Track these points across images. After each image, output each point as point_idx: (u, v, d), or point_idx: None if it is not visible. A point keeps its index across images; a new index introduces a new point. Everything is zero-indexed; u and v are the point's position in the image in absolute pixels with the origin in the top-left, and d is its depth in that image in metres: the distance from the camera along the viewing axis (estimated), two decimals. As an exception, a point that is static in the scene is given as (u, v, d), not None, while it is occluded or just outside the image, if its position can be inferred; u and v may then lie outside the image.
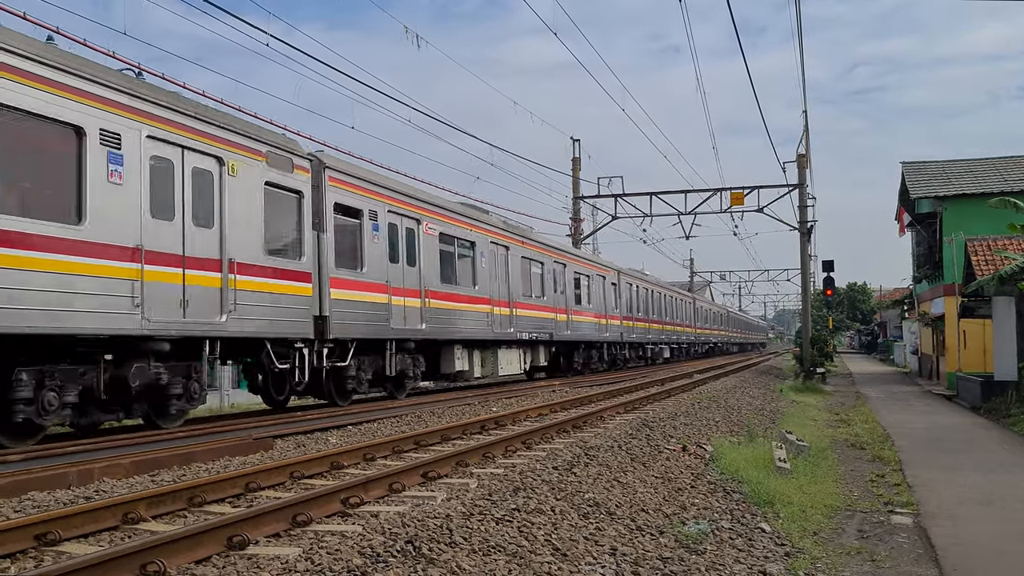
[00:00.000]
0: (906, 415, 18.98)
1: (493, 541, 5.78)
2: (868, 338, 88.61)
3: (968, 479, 10.33)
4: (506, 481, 7.58)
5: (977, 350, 25.40)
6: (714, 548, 6.70)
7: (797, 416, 18.07)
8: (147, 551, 4.89)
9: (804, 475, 10.16)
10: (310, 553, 5.16)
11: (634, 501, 7.67)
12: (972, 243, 23.97)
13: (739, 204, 33.59)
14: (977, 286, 20.22)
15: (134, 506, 6.36)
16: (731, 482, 9.27)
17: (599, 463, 8.91)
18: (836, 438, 14.74)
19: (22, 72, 9.26)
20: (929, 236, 31.74)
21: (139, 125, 10.70)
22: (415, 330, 17.04)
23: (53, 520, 5.76)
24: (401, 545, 5.33)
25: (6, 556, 5.35)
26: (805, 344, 33.65)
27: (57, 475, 7.80)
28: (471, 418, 13.20)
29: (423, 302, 17.37)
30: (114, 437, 10.93)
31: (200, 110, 11.99)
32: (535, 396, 18.48)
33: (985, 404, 19.47)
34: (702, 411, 15.24)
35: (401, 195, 17.10)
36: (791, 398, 23.05)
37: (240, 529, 5.57)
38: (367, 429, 12.54)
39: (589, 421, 13.18)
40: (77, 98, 9.88)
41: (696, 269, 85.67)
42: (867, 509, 8.77)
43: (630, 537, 6.60)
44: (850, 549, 7.15)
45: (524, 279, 23.57)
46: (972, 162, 31.30)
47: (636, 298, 36.40)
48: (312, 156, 14.44)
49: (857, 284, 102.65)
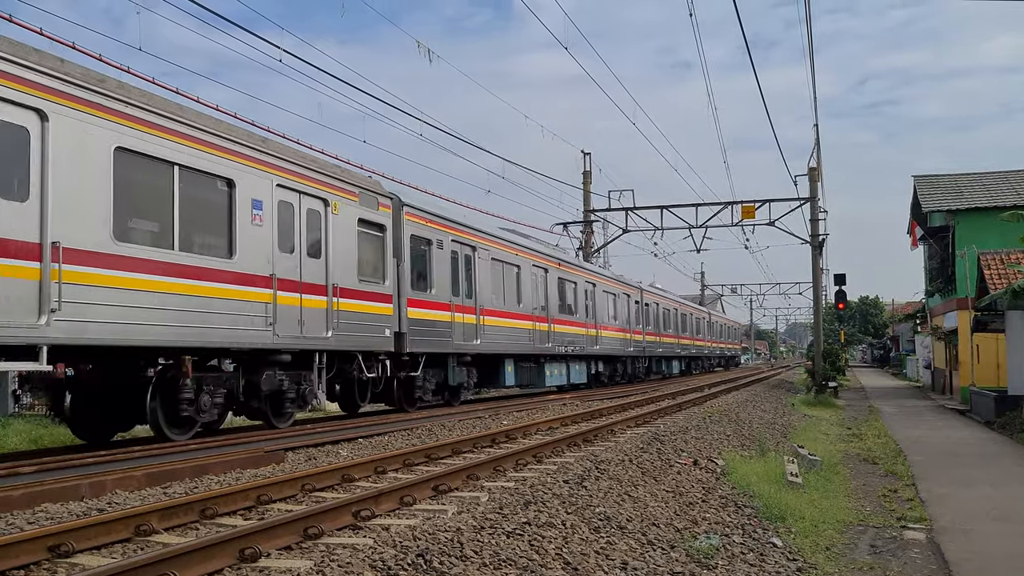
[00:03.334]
0: (919, 430, 18.85)
1: (504, 555, 5.78)
2: (880, 352, 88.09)
3: (982, 494, 10.25)
4: (517, 495, 7.57)
5: (990, 364, 25.22)
6: (725, 563, 6.67)
7: (809, 430, 17.98)
8: (160, 563, 4.92)
9: (816, 490, 10.11)
10: (321, 566, 5.18)
11: (645, 515, 7.65)
12: (985, 257, 23.84)
13: (750, 217, 33.52)
14: (990, 300, 20.11)
15: (147, 518, 6.39)
16: (742, 496, 9.23)
17: (610, 477, 8.89)
18: (848, 452, 14.66)
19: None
20: (941, 250, 31.60)
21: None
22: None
23: (66, 532, 5.79)
24: (412, 558, 5.33)
25: (20, 568, 5.38)
26: (817, 357, 33.49)
27: (70, 487, 7.84)
28: (482, 431, 13.20)
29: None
30: (128, 449, 10.99)
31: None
32: (546, 409, 18.47)
33: (999, 419, 19.31)
34: (713, 425, 15.18)
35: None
36: (803, 412, 22.93)
37: (252, 542, 5.59)
38: (378, 442, 12.55)
39: (600, 435, 13.16)
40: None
41: (707, 282, 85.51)
42: (880, 524, 8.72)
43: (641, 551, 6.58)
44: (863, 565, 7.11)
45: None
46: (985, 175, 31.17)
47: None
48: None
49: (869, 298, 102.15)
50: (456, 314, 18.39)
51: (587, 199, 36.83)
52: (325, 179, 14.38)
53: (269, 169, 12.98)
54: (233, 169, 12.21)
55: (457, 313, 18.44)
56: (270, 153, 13.11)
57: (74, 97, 9.81)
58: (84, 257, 9.76)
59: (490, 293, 20.39)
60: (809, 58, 27.14)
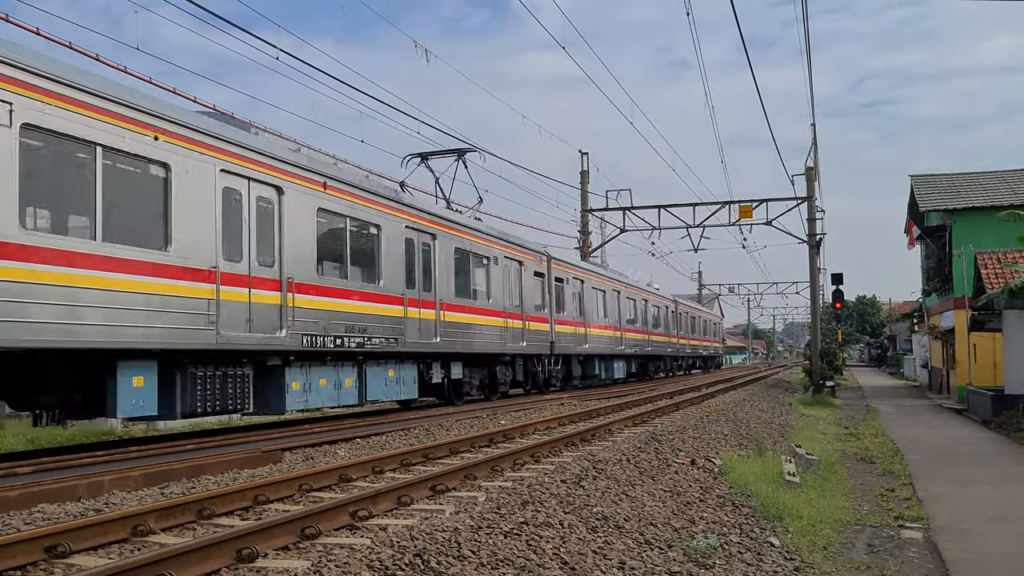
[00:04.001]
0: (916, 429, 18.87)
1: (501, 555, 5.78)
2: (878, 351, 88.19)
3: (979, 493, 10.27)
4: (514, 494, 7.57)
5: (987, 364, 25.24)
6: (723, 562, 6.67)
7: (806, 429, 17.98)
8: (157, 563, 4.92)
9: (813, 489, 10.12)
10: (319, 566, 5.17)
11: (643, 515, 7.65)
12: (982, 256, 23.86)
13: (747, 217, 33.53)
14: (987, 299, 20.12)
15: (144, 518, 6.38)
16: (740, 496, 9.24)
17: (607, 476, 8.89)
18: (846, 452, 14.67)
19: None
20: (939, 249, 31.64)
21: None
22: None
23: (63, 532, 5.78)
24: (410, 558, 5.33)
25: (16, 568, 5.38)
26: (814, 357, 33.52)
27: (67, 487, 7.83)
28: (479, 431, 13.19)
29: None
30: (126, 450, 10.98)
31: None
32: (543, 409, 18.48)
33: (996, 418, 19.33)
34: (711, 424, 15.18)
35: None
36: (800, 411, 22.94)
37: (249, 542, 5.58)
38: (376, 442, 12.55)
39: (597, 434, 13.16)
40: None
41: (705, 282, 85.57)
42: (877, 523, 8.73)
43: (639, 551, 6.58)
44: (860, 564, 7.11)
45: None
46: (982, 175, 31.20)
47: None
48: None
49: (866, 297, 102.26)
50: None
51: (585, 199, 36.83)
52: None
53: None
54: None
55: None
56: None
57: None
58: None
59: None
60: (806, 57, 27.16)
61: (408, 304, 16.50)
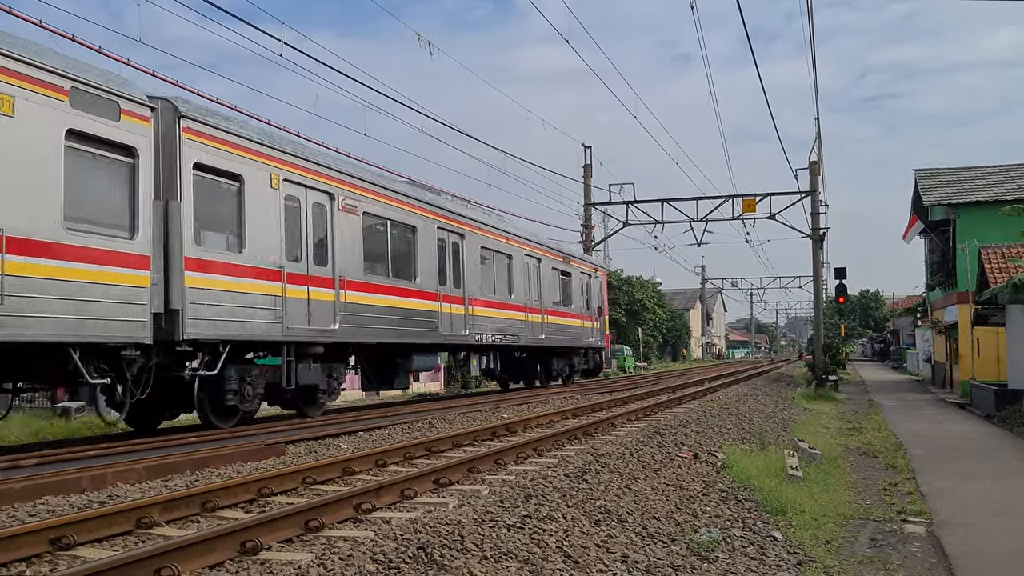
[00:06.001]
0: (919, 423, 18.87)
1: (504, 548, 5.79)
2: (881, 346, 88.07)
3: (982, 488, 10.26)
4: (517, 488, 7.58)
5: (991, 358, 25.22)
6: (726, 556, 6.68)
7: (809, 424, 17.99)
8: (161, 556, 4.92)
9: (816, 483, 10.12)
10: (323, 559, 5.18)
11: (645, 509, 7.66)
12: (986, 251, 23.82)
13: (751, 211, 33.44)
14: (991, 294, 20.08)
15: (148, 511, 6.40)
16: (743, 490, 9.24)
17: (610, 470, 8.89)
18: (849, 446, 14.67)
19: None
20: (942, 243, 31.58)
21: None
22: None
23: (68, 524, 5.80)
24: (413, 551, 5.34)
25: (22, 560, 5.39)
26: (817, 351, 33.49)
27: (71, 480, 7.85)
28: (482, 425, 13.21)
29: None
30: (129, 442, 11.00)
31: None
32: (546, 403, 18.49)
33: (999, 413, 19.31)
34: (713, 419, 15.19)
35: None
36: (803, 406, 22.94)
37: (253, 534, 5.59)
38: (379, 436, 12.56)
39: (600, 428, 13.16)
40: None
41: (708, 276, 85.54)
42: (880, 518, 8.73)
43: (641, 545, 6.59)
44: (863, 558, 7.12)
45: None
46: (985, 169, 31.13)
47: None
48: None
49: (870, 291, 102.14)
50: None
51: (588, 192, 36.79)
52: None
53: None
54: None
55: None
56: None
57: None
58: None
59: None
60: (810, 51, 27.10)
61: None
